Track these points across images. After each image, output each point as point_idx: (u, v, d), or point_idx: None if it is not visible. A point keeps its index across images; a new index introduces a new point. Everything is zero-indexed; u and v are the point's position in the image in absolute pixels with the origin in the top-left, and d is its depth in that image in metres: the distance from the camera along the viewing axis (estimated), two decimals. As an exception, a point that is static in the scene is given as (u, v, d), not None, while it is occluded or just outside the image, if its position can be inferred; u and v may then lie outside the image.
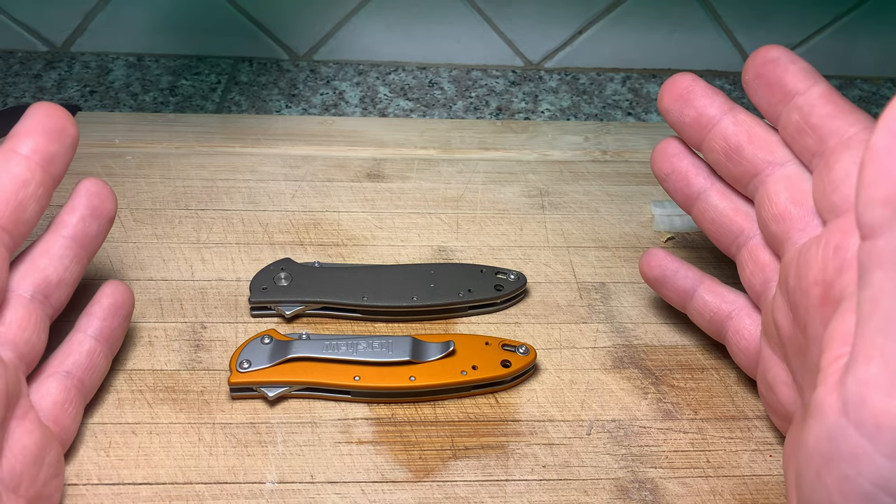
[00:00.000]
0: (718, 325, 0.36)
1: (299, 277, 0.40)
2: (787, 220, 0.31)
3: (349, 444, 0.34)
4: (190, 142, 0.49)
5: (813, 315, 0.28)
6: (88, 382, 0.33)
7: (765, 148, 0.33)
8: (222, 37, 0.58)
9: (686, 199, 0.36)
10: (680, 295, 0.37)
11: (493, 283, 0.40)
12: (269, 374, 0.35)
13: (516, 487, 0.33)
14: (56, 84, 0.56)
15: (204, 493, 0.32)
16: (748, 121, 0.33)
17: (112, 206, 0.34)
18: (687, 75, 0.35)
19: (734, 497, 0.33)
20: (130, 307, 0.36)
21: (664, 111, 0.35)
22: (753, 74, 0.33)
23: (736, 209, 0.35)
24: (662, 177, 0.37)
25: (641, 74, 0.59)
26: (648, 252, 0.38)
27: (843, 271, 0.27)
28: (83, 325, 0.34)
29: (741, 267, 0.35)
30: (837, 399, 0.23)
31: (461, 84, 0.58)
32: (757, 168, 0.33)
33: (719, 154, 0.34)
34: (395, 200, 0.46)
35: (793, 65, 0.32)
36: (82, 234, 0.33)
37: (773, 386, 0.32)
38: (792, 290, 0.30)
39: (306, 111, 0.55)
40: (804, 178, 0.31)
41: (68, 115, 0.32)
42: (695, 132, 0.34)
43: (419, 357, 0.36)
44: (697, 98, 0.34)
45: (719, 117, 0.34)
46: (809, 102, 0.31)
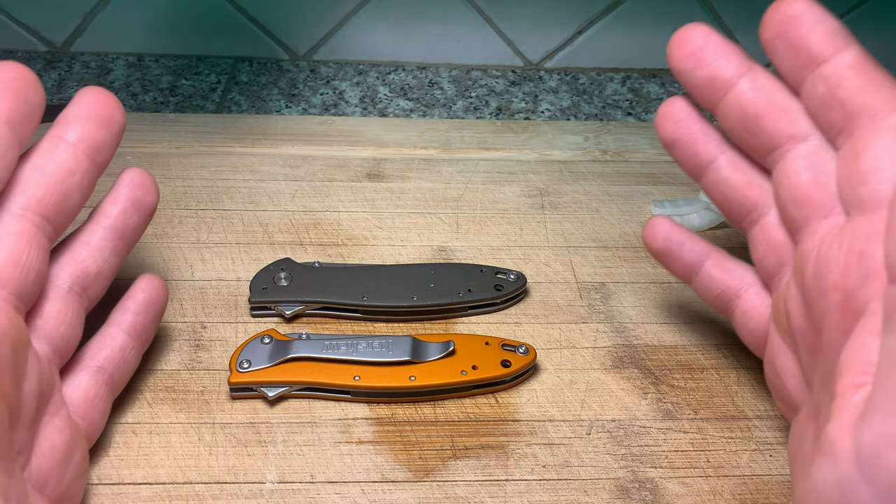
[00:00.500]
0: (725, 303, 0.34)
1: (299, 277, 0.40)
2: (808, 205, 0.28)
3: (349, 444, 0.34)
4: (190, 142, 0.49)
5: (831, 320, 0.26)
6: (118, 378, 0.33)
7: (786, 118, 0.29)
8: (222, 37, 0.58)
9: (694, 169, 0.33)
10: (685, 269, 0.35)
11: (493, 282, 0.40)
12: (269, 373, 0.35)
13: (516, 487, 0.33)
14: (56, 84, 0.56)
15: (204, 493, 0.32)
16: (768, 85, 0.29)
17: (154, 199, 0.33)
18: (700, 26, 0.30)
19: (734, 497, 0.33)
20: (164, 303, 0.35)
21: (674, 70, 0.31)
22: (773, 33, 0.28)
23: (749, 182, 0.31)
24: (668, 143, 0.33)
25: (641, 74, 0.59)
26: (652, 221, 0.35)
27: (868, 282, 0.24)
28: (116, 320, 0.33)
29: (753, 244, 0.32)
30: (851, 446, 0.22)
31: (461, 84, 0.58)
32: (777, 141, 0.29)
33: (735, 122, 0.30)
34: (395, 200, 0.46)
35: (820, 24, 0.27)
36: (123, 226, 0.32)
37: (780, 374, 0.31)
38: (808, 288, 0.27)
39: (306, 111, 0.55)
40: (829, 157, 0.28)
41: (116, 101, 0.31)
42: (708, 95, 0.30)
43: (419, 357, 0.36)
44: (711, 56, 0.30)
45: (736, 80, 0.29)
46: (838, 72, 0.27)
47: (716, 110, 0.31)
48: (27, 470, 0.27)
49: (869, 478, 0.21)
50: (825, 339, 0.26)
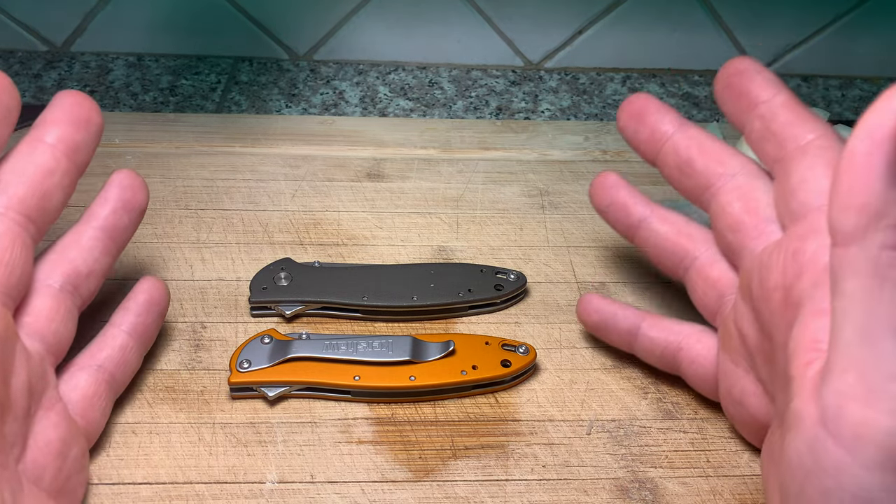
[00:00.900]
0: (671, 359, 0.35)
1: (299, 277, 0.40)
2: (743, 229, 0.32)
3: (349, 444, 0.34)
4: (190, 142, 0.49)
5: (777, 320, 0.28)
6: (119, 377, 0.33)
7: (715, 160, 0.33)
8: (222, 37, 0.58)
9: (627, 229, 0.37)
10: (623, 336, 0.36)
11: (493, 282, 0.40)
12: (269, 373, 0.35)
13: (516, 487, 0.33)
14: (56, 84, 0.56)
15: (204, 492, 0.32)
16: (698, 135, 0.34)
17: (143, 199, 0.34)
18: (642, 95, 0.35)
19: (734, 497, 0.33)
20: (165, 304, 0.36)
21: (621, 129, 0.36)
22: (723, 85, 0.33)
23: (678, 232, 0.35)
24: (602, 209, 0.37)
25: (641, 74, 0.59)
26: (583, 299, 0.37)
27: (802, 274, 0.27)
28: (117, 320, 0.34)
29: (691, 288, 0.35)
30: (815, 409, 0.23)
31: (461, 84, 0.58)
32: (709, 180, 0.33)
33: (672, 168, 0.34)
34: (395, 200, 0.46)
35: (758, 75, 0.32)
36: (113, 226, 0.33)
37: (741, 400, 0.32)
38: (756, 297, 0.30)
39: (306, 111, 0.55)
40: (756, 187, 0.32)
41: (93, 103, 0.32)
42: (649, 147, 0.35)
43: (419, 357, 0.36)
44: (650, 115, 0.35)
45: (671, 132, 0.34)
46: (772, 110, 0.32)
47: (657, 161, 0.35)
48: (22, 463, 0.27)
49: (835, 434, 0.22)
50: (776, 341, 0.29)
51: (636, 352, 0.37)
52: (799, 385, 0.25)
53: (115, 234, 0.33)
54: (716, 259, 0.34)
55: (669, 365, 0.36)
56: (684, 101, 0.57)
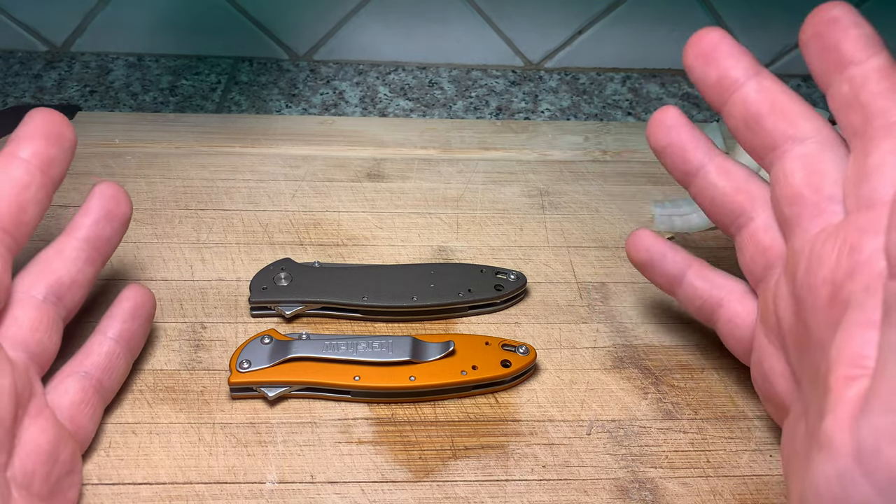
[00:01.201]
0: (709, 313, 0.34)
1: (299, 277, 0.40)
2: (801, 204, 0.29)
3: (349, 444, 0.34)
4: (190, 142, 0.49)
5: (819, 315, 0.27)
6: (107, 383, 0.33)
7: (786, 120, 0.30)
8: (222, 37, 0.58)
9: (683, 176, 0.34)
10: (668, 280, 0.35)
11: (493, 283, 0.40)
12: (269, 374, 0.35)
13: (516, 487, 0.33)
14: (56, 84, 0.56)
15: (204, 493, 0.32)
16: (773, 88, 0.30)
17: (126, 209, 0.34)
18: (714, 30, 0.31)
19: (734, 497, 0.33)
20: (151, 309, 0.36)
21: (687, 68, 0.32)
22: (810, 34, 0.29)
23: (736, 188, 0.32)
24: (659, 149, 0.34)
25: (641, 74, 0.59)
26: (635, 234, 0.36)
27: (855, 275, 0.25)
28: (103, 327, 0.34)
29: (741, 250, 0.33)
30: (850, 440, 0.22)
31: (461, 84, 0.58)
32: (776, 141, 0.30)
33: (739, 121, 0.31)
34: (395, 200, 0.46)
35: (854, 29, 0.28)
36: (95, 236, 0.33)
37: (769, 376, 0.31)
38: (800, 285, 0.28)
39: (306, 111, 0.55)
40: (825, 159, 0.29)
41: (65, 119, 0.32)
42: (716, 94, 0.32)
43: (419, 357, 0.36)
44: (722, 57, 0.31)
45: (743, 81, 0.31)
46: (863, 75, 0.28)
47: (722, 109, 0.32)
48: (10, 469, 0.28)
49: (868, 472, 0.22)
50: (813, 335, 0.27)
51: (677, 297, 0.36)
52: (835, 402, 0.24)
53: (98, 245, 0.33)
54: (771, 224, 0.31)
55: (707, 319, 0.35)
56: (684, 101, 0.57)
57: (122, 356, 0.34)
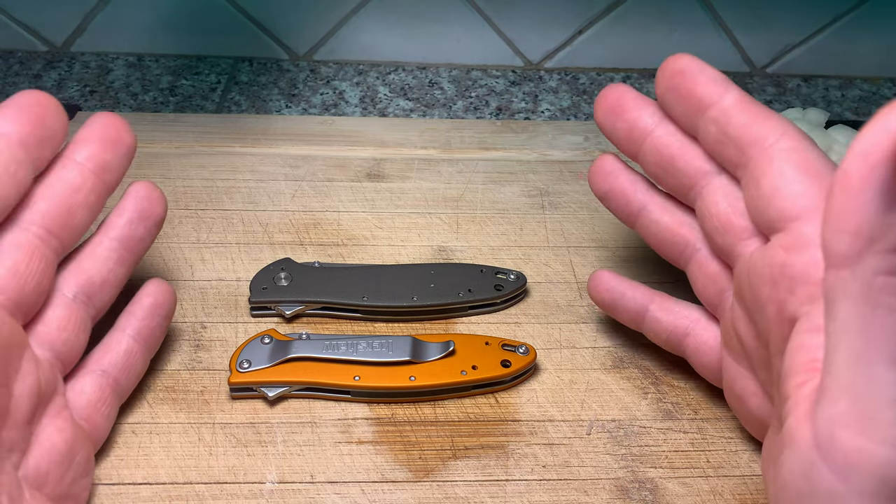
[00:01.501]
0: (676, 344, 0.35)
1: (299, 277, 0.40)
2: (731, 231, 0.31)
3: (349, 444, 0.34)
4: (190, 142, 0.49)
5: (773, 331, 0.28)
6: (124, 382, 0.33)
7: (699, 157, 0.32)
8: (222, 37, 0.58)
9: (627, 217, 0.36)
10: (632, 317, 0.36)
11: (493, 283, 0.40)
12: (269, 374, 0.35)
13: (516, 487, 0.33)
14: (56, 84, 0.56)
15: (204, 493, 0.32)
16: (680, 131, 0.32)
17: (160, 210, 0.34)
18: (618, 86, 0.34)
19: (734, 497, 0.33)
20: (171, 307, 0.35)
21: (599, 124, 0.34)
22: (665, 87, 0.32)
23: (679, 222, 0.34)
24: (601, 195, 0.36)
25: (641, 74, 0.59)
26: (595, 275, 0.37)
27: (794, 290, 0.27)
28: (122, 324, 0.34)
29: (693, 280, 0.34)
30: (809, 432, 0.23)
31: (461, 84, 0.58)
32: (692, 179, 0.32)
33: (654, 166, 0.33)
34: (395, 200, 0.46)
35: (701, 74, 0.31)
36: (128, 236, 0.33)
37: (742, 398, 0.32)
38: (750, 306, 0.30)
39: (306, 111, 0.55)
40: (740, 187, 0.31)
41: (125, 125, 0.32)
42: (629, 144, 0.33)
43: (419, 357, 0.36)
44: (628, 109, 0.33)
45: (651, 128, 0.33)
46: (724, 112, 0.30)
47: (637, 158, 0.34)
48: (23, 468, 0.28)
49: (828, 459, 0.22)
50: (771, 350, 0.28)
51: (644, 332, 0.36)
52: (794, 403, 0.25)
53: (130, 245, 0.33)
54: None
55: (675, 349, 0.35)
56: (684, 101, 0.57)
57: (140, 354, 0.34)
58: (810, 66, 0.60)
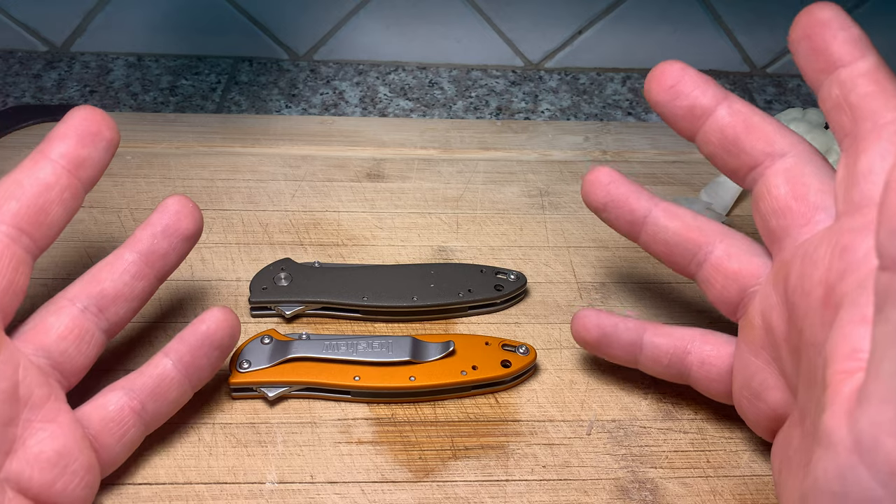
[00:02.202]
0: (679, 365, 0.34)
1: (299, 277, 0.40)
2: (788, 215, 0.30)
3: (349, 444, 0.34)
4: (190, 142, 0.49)
5: (813, 317, 0.27)
6: (152, 409, 0.32)
7: (763, 138, 0.31)
8: (222, 37, 0.58)
9: (631, 227, 0.34)
10: (627, 349, 0.34)
11: (493, 283, 0.40)
12: (269, 374, 0.35)
13: (516, 487, 0.33)
14: (56, 84, 0.56)
15: (204, 493, 0.32)
16: (745, 110, 0.31)
17: (188, 226, 0.33)
18: (675, 63, 0.32)
19: (734, 497, 0.33)
20: (226, 340, 0.33)
21: (653, 103, 0.33)
22: (800, 35, 0.30)
23: (687, 227, 0.33)
24: (600, 208, 0.35)
25: (641, 74, 0.59)
26: (579, 316, 0.35)
27: (847, 275, 0.26)
28: (168, 347, 0.32)
29: (708, 283, 0.33)
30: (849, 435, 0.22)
31: (461, 84, 0.58)
32: (755, 160, 0.31)
33: (716, 146, 0.32)
34: (395, 200, 0.46)
35: (843, 31, 0.29)
36: (149, 250, 0.32)
37: (759, 393, 0.31)
38: (792, 290, 0.28)
39: (306, 111, 0.55)
40: (806, 171, 0.30)
41: (105, 118, 0.32)
42: (688, 124, 0.32)
43: (419, 357, 0.36)
44: (689, 88, 0.32)
45: (714, 107, 0.31)
46: (852, 77, 0.28)
47: (695, 138, 0.32)
48: (4, 471, 0.28)
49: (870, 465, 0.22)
50: (806, 338, 0.27)
51: (641, 364, 0.35)
52: (832, 396, 0.24)
53: (151, 259, 0.33)
54: (733, 251, 0.32)
55: (677, 372, 0.34)
56: (684, 101, 0.57)
57: (178, 383, 0.32)
58: (810, 66, 0.60)
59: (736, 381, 0.33)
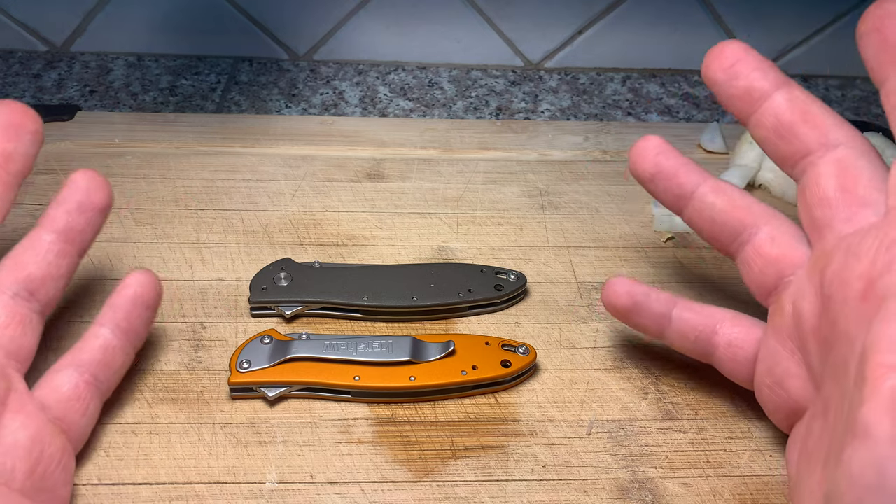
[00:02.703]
0: (705, 343, 0.34)
1: (299, 277, 0.40)
2: (833, 206, 0.29)
3: (349, 444, 0.34)
4: (190, 142, 0.49)
5: (849, 310, 0.27)
6: (104, 378, 0.32)
7: (819, 128, 0.30)
8: (222, 37, 0.58)
9: (678, 200, 0.34)
10: (656, 320, 0.34)
11: (493, 283, 0.40)
12: (269, 374, 0.35)
13: (516, 487, 0.33)
14: (56, 84, 0.56)
15: (204, 493, 0.32)
16: (803, 98, 0.31)
17: (101, 199, 0.33)
18: (734, 43, 0.32)
19: (734, 497, 0.33)
20: (153, 299, 0.34)
21: (711, 82, 0.32)
22: (870, 27, 0.29)
23: (734, 205, 0.33)
24: (647, 177, 0.34)
25: (641, 74, 0.59)
26: (611, 282, 0.34)
27: (891, 269, 0.26)
28: (101, 318, 0.33)
29: (747, 264, 0.33)
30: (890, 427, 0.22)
31: (461, 84, 0.58)
32: (809, 148, 0.30)
33: (769, 131, 0.31)
34: (395, 200, 0.46)
35: None
36: (67, 227, 0.32)
37: (782, 381, 0.31)
38: (829, 282, 0.28)
39: (306, 111, 0.55)
40: (858, 165, 0.29)
41: (26, 110, 0.32)
42: (744, 105, 0.32)
43: (419, 357, 0.36)
44: (749, 69, 0.31)
45: (772, 91, 0.31)
46: None
47: (749, 120, 0.32)
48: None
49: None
50: (839, 329, 0.27)
51: (667, 336, 0.34)
52: (872, 390, 0.24)
53: (70, 237, 0.33)
54: (777, 235, 0.32)
55: (702, 350, 0.34)
56: (684, 101, 0.57)
57: (121, 349, 0.33)
58: (810, 66, 0.60)
59: (759, 368, 0.32)
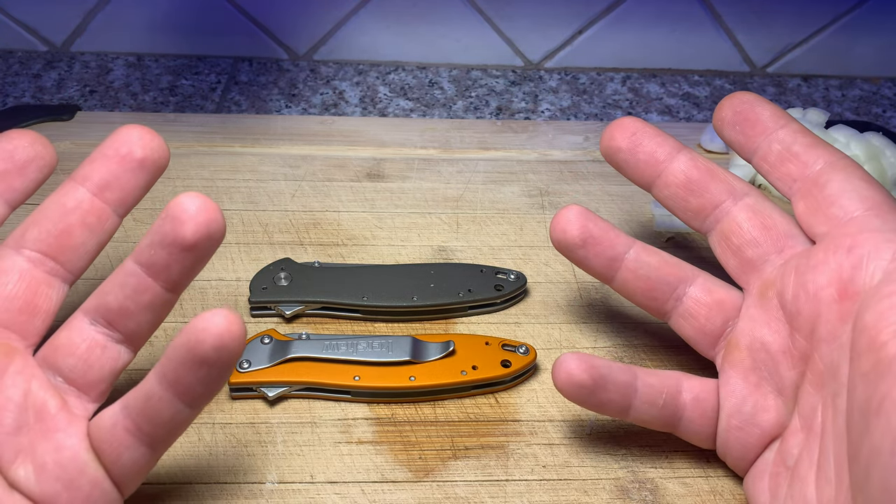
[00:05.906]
0: (672, 406, 0.32)
1: (299, 277, 0.40)
2: (762, 244, 0.32)
3: (349, 444, 0.34)
4: (190, 142, 0.49)
5: (827, 314, 0.29)
6: (147, 429, 0.27)
7: (724, 182, 0.34)
8: (222, 37, 0.58)
9: (610, 263, 0.34)
10: (622, 391, 0.32)
11: (493, 283, 0.40)
12: (269, 374, 0.35)
13: (516, 487, 0.33)
14: (56, 84, 0.56)
15: (204, 493, 0.32)
16: (703, 158, 0.34)
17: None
18: (632, 119, 0.35)
19: (734, 497, 0.33)
20: (214, 354, 0.26)
21: (614, 150, 0.35)
22: (731, 112, 0.34)
23: (666, 262, 0.34)
24: (577, 245, 0.33)
25: (641, 74, 0.59)
26: (562, 364, 0.31)
27: (862, 265, 0.28)
28: (159, 361, 0.27)
29: (690, 317, 0.33)
30: None
31: (461, 84, 0.58)
32: (719, 199, 0.33)
33: (679, 187, 0.34)
34: (395, 200, 0.46)
35: (768, 107, 0.34)
36: (148, 261, 0.28)
37: (752, 416, 0.31)
38: (793, 299, 0.30)
39: (306, 111, 0.55)
40: (766, 207, 0.33)
41: (144, 137, 0.32)
42: (649, 168, 0.34)
43: (419, 357, 0.36)
44: (650, 138, 0.34)
45: (675, 153, 0.34)
46: (790, 135, 0.33)
47: (655, 182, 0.35)
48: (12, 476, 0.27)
49: None
50: (820, 335, 0.29)
51: (634, 409, 0.32)
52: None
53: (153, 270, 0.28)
54: (710, 284, 0.34)
55: (670, 416, 0.33)
56: (684, 101, 0.57)
57: (168, 403, 0.27)
58: (810, 66, 0.60)
59: (724, 412, 0.32)
